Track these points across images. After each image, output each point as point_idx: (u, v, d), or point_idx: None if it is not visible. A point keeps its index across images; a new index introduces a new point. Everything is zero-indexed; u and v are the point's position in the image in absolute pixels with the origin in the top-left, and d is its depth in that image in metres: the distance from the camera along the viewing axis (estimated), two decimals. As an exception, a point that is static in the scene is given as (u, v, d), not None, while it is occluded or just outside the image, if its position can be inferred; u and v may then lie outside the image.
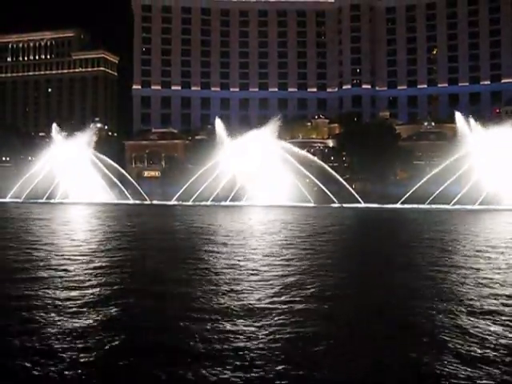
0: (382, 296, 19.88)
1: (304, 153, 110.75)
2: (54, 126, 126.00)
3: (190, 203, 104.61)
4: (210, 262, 27.29)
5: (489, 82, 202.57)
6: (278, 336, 14.25)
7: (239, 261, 27.21)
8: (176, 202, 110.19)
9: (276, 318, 15.94)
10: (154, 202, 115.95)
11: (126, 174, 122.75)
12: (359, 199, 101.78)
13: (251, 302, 17.98)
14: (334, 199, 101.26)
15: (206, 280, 22.07)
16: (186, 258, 28.78)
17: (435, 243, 36.14)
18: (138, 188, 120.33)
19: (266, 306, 17.51)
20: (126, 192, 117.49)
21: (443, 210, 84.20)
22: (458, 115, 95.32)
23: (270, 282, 21.47)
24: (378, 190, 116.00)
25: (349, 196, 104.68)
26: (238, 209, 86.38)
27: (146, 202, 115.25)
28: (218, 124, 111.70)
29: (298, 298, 18.65)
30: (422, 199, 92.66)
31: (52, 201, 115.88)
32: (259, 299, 18.43)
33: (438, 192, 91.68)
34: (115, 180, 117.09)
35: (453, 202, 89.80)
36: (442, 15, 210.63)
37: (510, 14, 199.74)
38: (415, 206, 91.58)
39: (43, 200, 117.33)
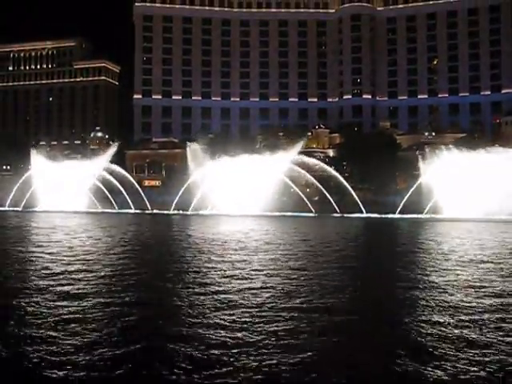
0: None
1: (313, 161, 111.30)
2: (33, 153, 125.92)
3: (189, 212, 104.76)
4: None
5: (489, 93, 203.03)
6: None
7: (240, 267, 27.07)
8: (175, 212, 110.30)
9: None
10: (155, 211, 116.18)
11: (136, 184, 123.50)
12: (362, 209, 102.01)
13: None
14: (337, 209, 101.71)
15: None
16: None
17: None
18: (143, 196, 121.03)
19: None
20: (130, 201, 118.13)
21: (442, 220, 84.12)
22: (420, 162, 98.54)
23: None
24: (379, 200, 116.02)
25: (350, 206, 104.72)
26: (237, 219, 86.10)
27: (147, 212, 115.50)
28: (191, 151, 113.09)
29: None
30: (422, 209, 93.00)
31: (51, 210, 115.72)
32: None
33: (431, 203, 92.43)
34: (122, 189, 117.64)
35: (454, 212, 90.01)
36: (442, 25, 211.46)
37: (509, 24, 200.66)
38: (414, 216, 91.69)
39: (42, 209, 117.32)
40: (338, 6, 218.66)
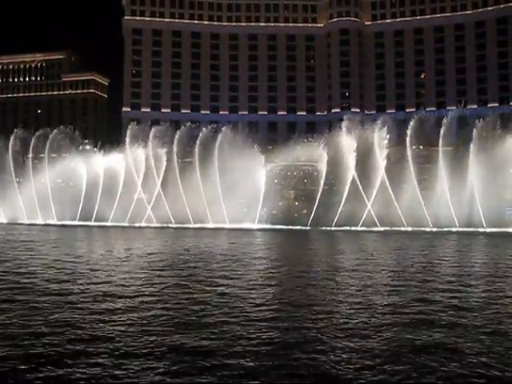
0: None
1: None
2: None
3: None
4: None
5: (476, 106, 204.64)
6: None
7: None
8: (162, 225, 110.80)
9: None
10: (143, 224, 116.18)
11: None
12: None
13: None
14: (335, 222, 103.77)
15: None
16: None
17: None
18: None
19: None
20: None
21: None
22: None
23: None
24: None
25: (338, 219, 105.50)
26: (228, 234, 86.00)
27: (136, 225, 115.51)
28: None
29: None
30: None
31: (38, 223, 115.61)
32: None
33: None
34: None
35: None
36: (429, 40, 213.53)
37: (495, 39, 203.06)
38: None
39: (28, 222, 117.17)
40: (326, 21, 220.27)
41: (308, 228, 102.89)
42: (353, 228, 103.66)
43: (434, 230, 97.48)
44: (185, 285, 27.50)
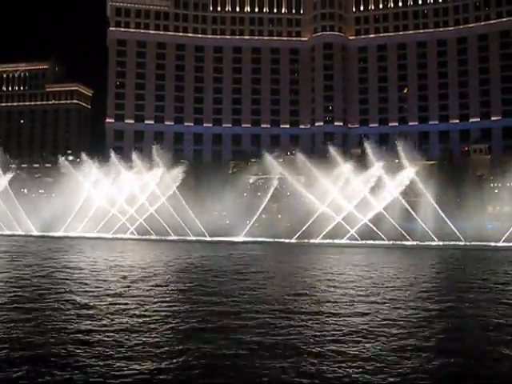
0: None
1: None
2: None
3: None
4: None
5: (457, 121, 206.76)
6: None
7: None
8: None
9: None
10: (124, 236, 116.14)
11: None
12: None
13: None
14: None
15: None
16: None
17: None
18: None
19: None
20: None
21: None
22: None
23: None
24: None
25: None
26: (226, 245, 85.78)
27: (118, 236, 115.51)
28: None
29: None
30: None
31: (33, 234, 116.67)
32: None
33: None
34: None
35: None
36: (412, 55, 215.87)
37: (476, 56, 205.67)
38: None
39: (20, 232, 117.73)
40: (310, 35, 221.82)
41: (295, 241, 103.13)
42: (336, 241, 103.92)
43: (415, 242, 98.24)
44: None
